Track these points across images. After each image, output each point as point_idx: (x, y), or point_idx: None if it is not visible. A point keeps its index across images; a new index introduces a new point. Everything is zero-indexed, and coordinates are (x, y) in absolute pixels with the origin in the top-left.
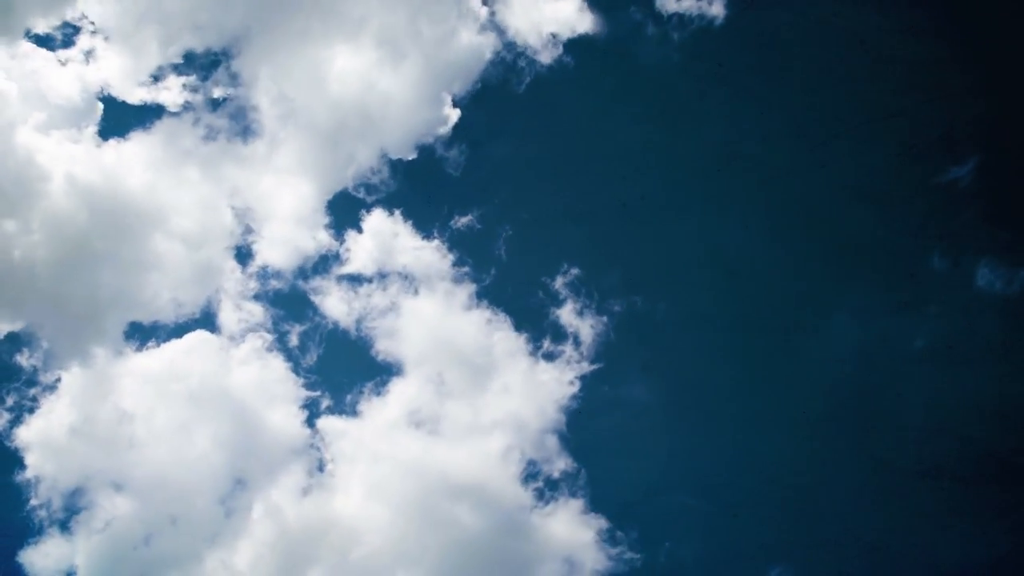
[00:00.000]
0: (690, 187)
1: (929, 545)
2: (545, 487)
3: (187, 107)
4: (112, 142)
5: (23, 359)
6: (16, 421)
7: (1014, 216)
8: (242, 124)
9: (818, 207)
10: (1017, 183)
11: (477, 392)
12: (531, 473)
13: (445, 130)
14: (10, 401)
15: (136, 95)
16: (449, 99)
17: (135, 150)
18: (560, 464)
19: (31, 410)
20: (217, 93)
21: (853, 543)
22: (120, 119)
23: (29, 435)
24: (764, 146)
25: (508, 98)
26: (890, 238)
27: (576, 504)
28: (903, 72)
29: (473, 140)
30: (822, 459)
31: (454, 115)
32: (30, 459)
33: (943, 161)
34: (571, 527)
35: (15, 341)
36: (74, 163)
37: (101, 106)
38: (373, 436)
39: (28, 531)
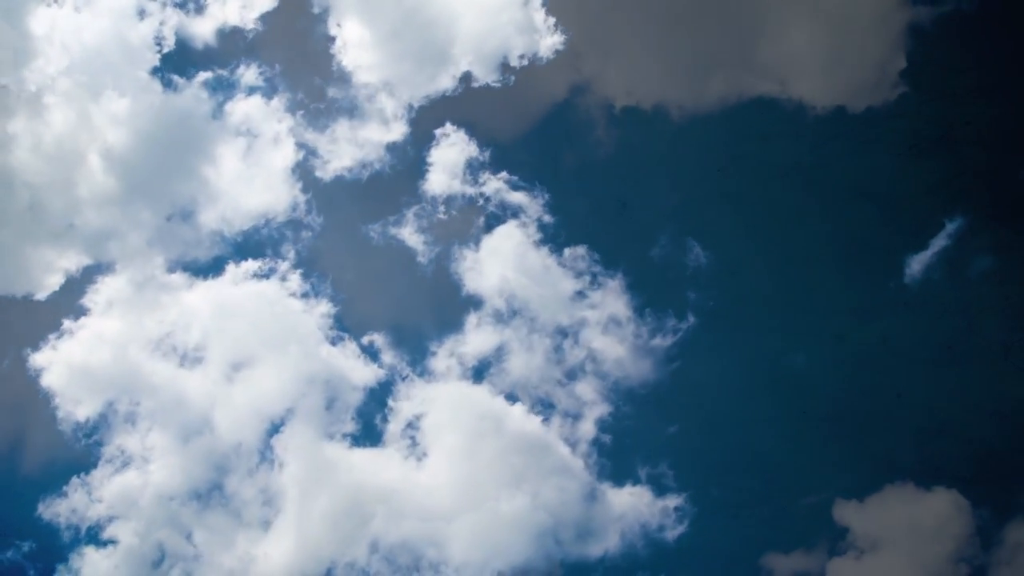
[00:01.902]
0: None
1: None
2: (623, 447)
3: (252, 37)
4: (175, 79)
5: (73, 296)
6: (49, 355)
7: None
8: (311, 51)
9: (818, 207)
10: None
11: (557, 343)
12: (609, 431)
13: (532, 40)
14: (51, 337)
15: (199, 27)
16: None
17: (198, 86)
18: (639, 425)
19: (65, 343)
20: (283, 21)
21: None
22: (183, 54)
23: (62, 370)
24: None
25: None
26: (891, 237)
27: (654, 467)
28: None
29: (566, 53)
30: (821, 458)
31: (544, 23)
32: (61, 397)
33: None
34: (648, 493)
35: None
36: (134, 101)
37: (167, 42)
38: (439, 383)
39: (54, 477)
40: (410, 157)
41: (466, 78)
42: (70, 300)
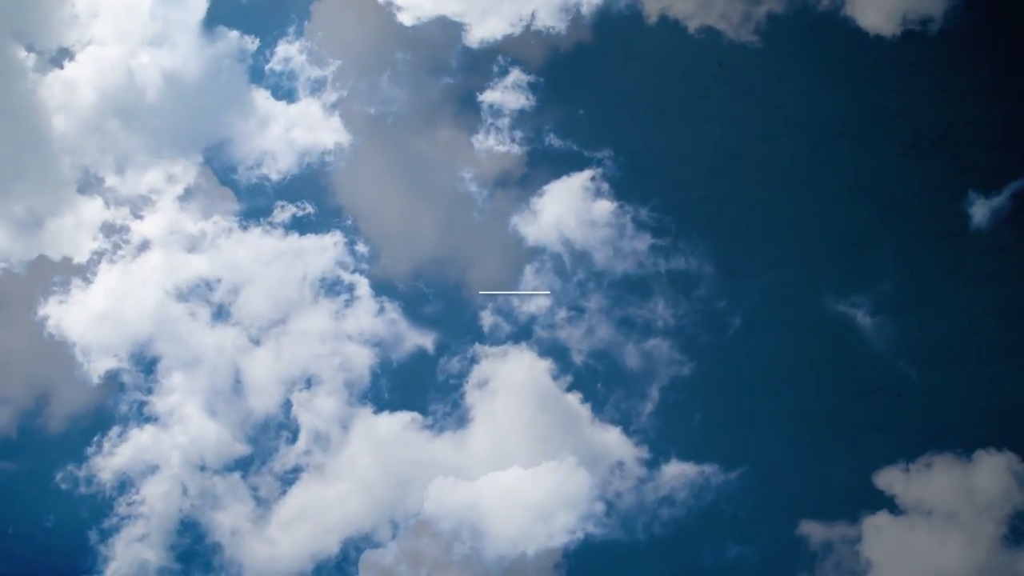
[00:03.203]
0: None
1: None
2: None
3: None
4: (218, 25)
5: (108, 251)
6: (79, 313)
7: None
8: None
9: (818, 207)
10: None
11: (615, 303)
12: (665, 396)
13: None
14: (82, 295)
15: None
16: None
17: (240, 32)
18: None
19: (95, 300)
20: None
21: None
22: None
23: (94, 327)
24: (764, 146)
25: None
26: (891, 236)
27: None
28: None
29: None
30: (821, 457)
31: None
32: (88, 356)
33: None
34: (704, 463)
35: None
36: (172, 51)
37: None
38: (490, 345)
39: (77, 442)
40: (466, 102)
41: (531, 20)
42: (104, 255)
